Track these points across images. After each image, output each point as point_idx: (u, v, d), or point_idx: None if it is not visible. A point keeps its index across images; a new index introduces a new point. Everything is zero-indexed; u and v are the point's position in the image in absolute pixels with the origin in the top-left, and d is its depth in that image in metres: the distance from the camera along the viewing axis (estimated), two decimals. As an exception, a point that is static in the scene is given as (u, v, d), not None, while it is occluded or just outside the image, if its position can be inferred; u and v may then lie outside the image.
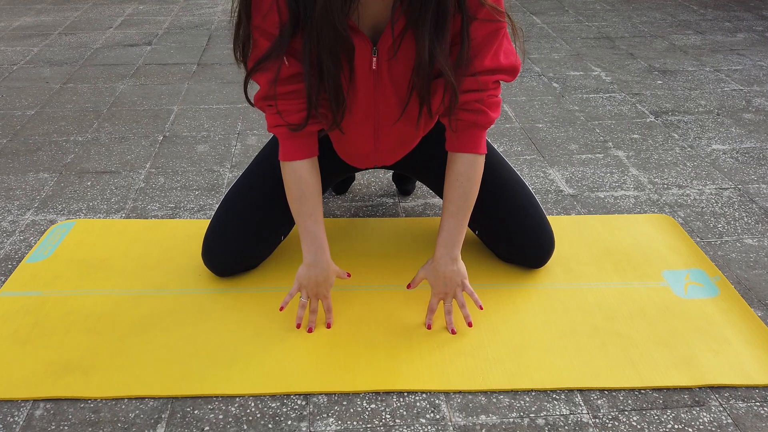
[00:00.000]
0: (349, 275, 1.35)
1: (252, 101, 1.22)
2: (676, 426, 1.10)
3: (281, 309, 1.31)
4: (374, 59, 1.17)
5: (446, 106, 1.17)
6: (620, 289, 1.42)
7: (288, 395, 1.16)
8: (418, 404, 1.14)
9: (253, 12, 1.09)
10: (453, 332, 1.28)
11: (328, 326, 1.30)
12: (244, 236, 1.41)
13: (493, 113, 1.21)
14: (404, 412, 1.12)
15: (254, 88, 1.22)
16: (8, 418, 1.11)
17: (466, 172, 1.24)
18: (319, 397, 1.15)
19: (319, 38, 1.07)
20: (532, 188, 1.83)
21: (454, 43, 1.13)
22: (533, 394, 1.16)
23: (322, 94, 1.14)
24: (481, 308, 1.30)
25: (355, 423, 1.10)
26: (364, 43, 1.15)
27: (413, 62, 1.14)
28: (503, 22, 1.14)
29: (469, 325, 1.29)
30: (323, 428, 1.09)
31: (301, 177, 1.24)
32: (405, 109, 1.21)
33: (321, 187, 1.28)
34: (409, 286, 1.35)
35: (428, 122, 1.39)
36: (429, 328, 1.30)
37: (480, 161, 1.25)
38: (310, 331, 1.29)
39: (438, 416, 1.12)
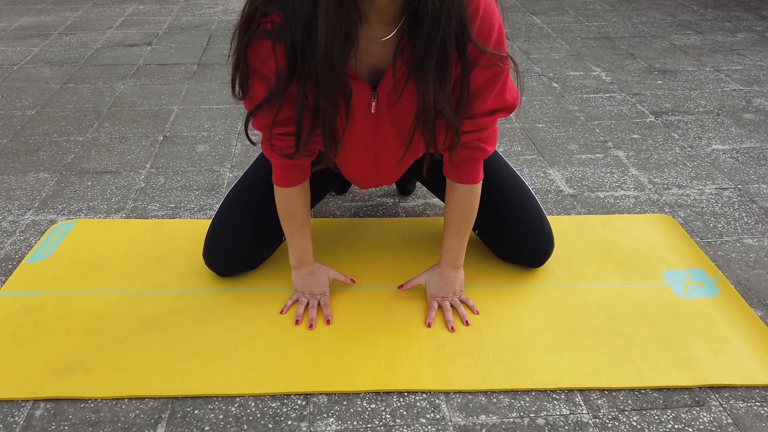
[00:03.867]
0: (353, 281, 1.39)
1: (250, 136, 1.23)
2: (676, 426, 1.10)
3: (282, 312, 1.35)
4: (374, 103, 1.18)
5: (448, 145, 1.18)
6: (620, 289, 1.42)
7: (288, 395, 1.16)
8: (418, 404, 1.14)
9: (250, 57, 1.10)
10: (452, 330, 1.29)
11: (328, 322, 1.31)
12: (246, 237, 1.41)
13: (491, 147, 1.25)
14: (404, 412, 1.12)
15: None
16: (8, 418, 1.11)
17: (465, 200, 1.31)
18: (319, 397, 1.15)
19: (318, 82, 1.07)
20: (532, 188, 1.83)
21: (455, 87, 1.13)
22: (533, 394, 1.16)
23: (316, 131, 1.14)
24: (477, 313, 1.34)
25: (355, 423, 1.10)
26: (363, 88, 1.16)
27: (415, 107, 1.14)
28: (505, 67, 1.14)
29: (466, 323, 1.30)
30: (323, 428, 1.09)
31: (290, 201, 1.30)
32: (408, 149, 1.23)
33: (309, 205, 1.34)
34: (401, 287, 1.38)
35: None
36: (429, 326, 1.30)
37: (478, 188, 1.31)
38: (310, 328, 1.30)
39: (438, 416, 1.12)
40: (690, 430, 1.09)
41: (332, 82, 1.07)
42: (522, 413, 1.12)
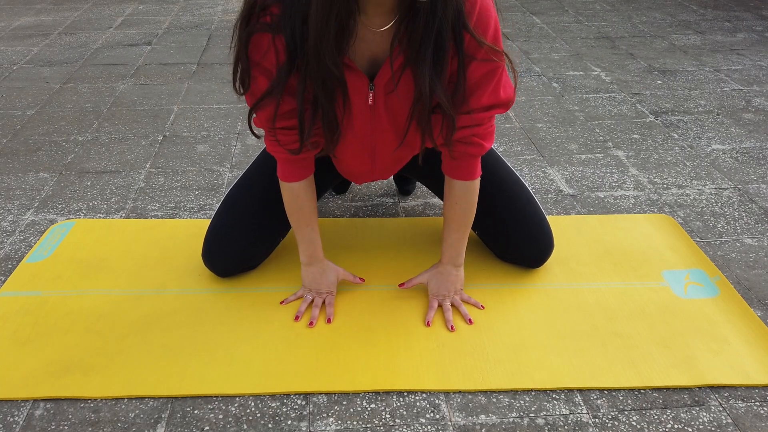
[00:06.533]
0: (362, 280, 1.40)
1: (254, 131, 1.23)
2: (675, 426, 1.10)
3: (282, 303, 1.36)
4: (371, 94, 1.19)
5: (444, 137, 1.19)
6: (620, 289, 1.42)
7: (288, 395, 1.16)
8: (418, 404, 1.14)
9: (251, 50, 1.10)
10: (452, 329, 1.29)
11: (328, 321, 1.31)
12: (245, 237, 1.41)
13: (488, 143, 1.25)
14: (404, 412, 1.12)
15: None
16: (8, 418, 1.11)
17: (464, 196, 1.31)
18: (319, 397, 1.16)
19: (313, 75, 1.08)
20: (532, 188, 1.83)
21: (451, 81, 1.13)
22: (533, 394, 1.16)
23: (317, 124, 1.15)
24: (482, 308, 1.35)
25: (355, 423, 1.10)
26: (360, 79, 1.16)
27: (411, 96, 1.14)
28: (502, 63, 1.15)
29: (470, 322, 1.31)
30: (323, 428, 1.09)
31: (297, 196, 1.30)
32: (403, 140, 1.23)
33: (316, 199, 1.35)
34: (402, 285, 1.38)
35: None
36: (428, 325, 1.30)
37: (476, 184, 1.31)
38: (311, 325, 1.30)
39: (438, 416, 1.12)
40: (690, 430, 1.09)
41: (326, 75, 1.08)
42: (522, 413, 1.12)
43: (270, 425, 1.10)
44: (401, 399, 1.15)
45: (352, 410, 1.13)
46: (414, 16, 1.05)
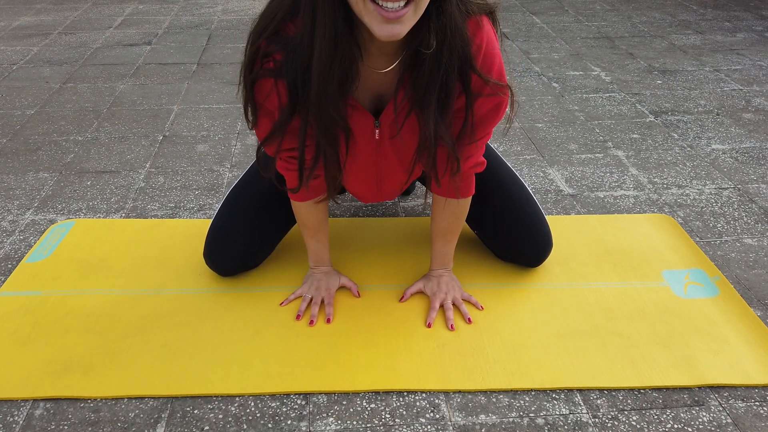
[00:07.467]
0: (358, 296, 1.39)
1: (262, 163, 1.24)
2: (675, 426, 1.10)
3: (282, 304, 1.36)
4: (377, 131, 1.20)
5: (451, 172, 1.19)
6: (620, 289, 1.42)
7: (288, 395, 1.16)
8: (417, 404, 1.14)
9: (256, 92, 1.11)
10: (452, 328, 1.29)
11: (328, 321, 1.31)
12: (246, 237, 1.41)
13: (484, 159, 1.27)
14: (404, 412, 1.13)
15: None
16: (8, 418, 1.11)
17: (457, 212, 1.33)
18: (319, 397, 1.16)
19: (315, 122, 1.08)
20: (532, 188, 1.83)
21: (458, 117, 1.13)
22: (533, 393, 1.16)
23: (319, 165, 1.16)
24: (481, 308, 1.35)
25: (355, 423, 1.10)
26: (366, 118, 1.17)
27: (416, 135, 1.15)
28: (506, 96, 1.15)
29: (469, 321, 1.31)
30: (323, 428, 1.09)
31: (300, 213, 1.35)
32: (410, 177, 1.26)
33: (321, 217, 1.36)
34: (401, 300, 1.38)
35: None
36: (429, 326, 1.30)
37: (469, 198, 1.32)
38: (311, 324, 1.30)
39: (438, 416, 1.12)
40: (689, 429, 1.09)
41: (329, 122, 1.09)
42: (521, 413, 1.12)
43: (270, 425, 1.10)
44: (401, 399, 1.15)
45: (352, 410, 1.13)
46: (419, 64, 1.05)
